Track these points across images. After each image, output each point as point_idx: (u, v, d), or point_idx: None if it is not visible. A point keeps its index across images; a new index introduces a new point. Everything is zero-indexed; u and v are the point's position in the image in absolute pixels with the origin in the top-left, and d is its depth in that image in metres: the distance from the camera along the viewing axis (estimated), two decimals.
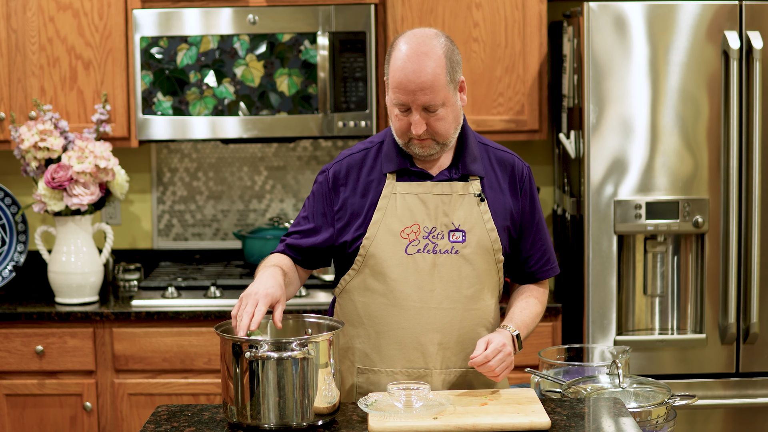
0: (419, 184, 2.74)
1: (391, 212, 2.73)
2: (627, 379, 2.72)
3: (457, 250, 2.73)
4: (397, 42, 2.69)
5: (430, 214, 2.73)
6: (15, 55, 4.11)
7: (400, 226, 2.73)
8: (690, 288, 3.87)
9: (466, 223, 2.74)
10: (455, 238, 2.73)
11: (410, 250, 2.72)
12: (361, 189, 2.77)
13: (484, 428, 2.37)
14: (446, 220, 2.73)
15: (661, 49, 3.75)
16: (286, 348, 2.38)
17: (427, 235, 2.73)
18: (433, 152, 2.73)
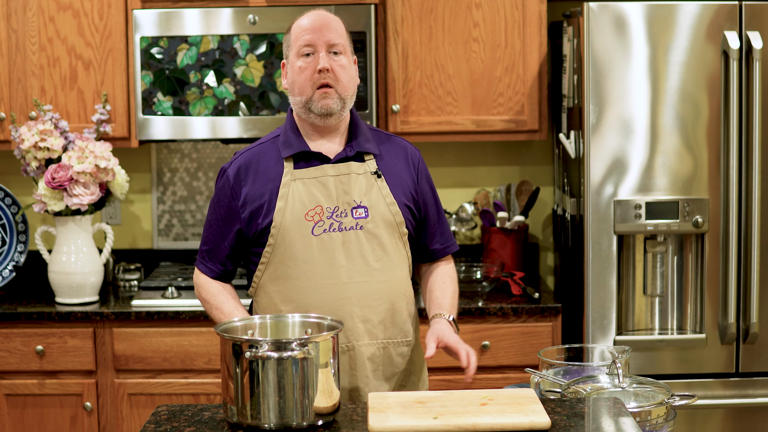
0: (316, 168, 2.86)
1: (293, 198, 2.83)
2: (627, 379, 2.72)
3: (361, 226, 2.85)
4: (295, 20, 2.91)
5: (331, 194, 2.84)
6: (15, 55, 4.11)
7: (303, 209, 2.83)
8: (690, 288, 3.87)
9: (367, 199, 2.86)
10: (358, 214, 2.85)
11: (317, 231, 2.83)
12: (260, 181, 2.86)
13: (484, 428, 2.38)
14: (347, 198, 2.85)
15: (661, 49, 3.75)
16: (286, 348, 2.38)
17: (331, 214, 2.84)
18: (335, 107, 2.84)
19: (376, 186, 2.88)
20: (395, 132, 4.13)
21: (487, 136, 4.16)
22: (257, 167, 2.88)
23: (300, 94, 2.85)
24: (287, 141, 2.88)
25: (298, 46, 2.84)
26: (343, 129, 2.92)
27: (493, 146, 4.51)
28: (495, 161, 4.51)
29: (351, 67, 2.88)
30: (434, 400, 2.52)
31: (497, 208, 4.36)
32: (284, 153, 2.87)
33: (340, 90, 2.84)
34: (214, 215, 2.93)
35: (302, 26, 2.85)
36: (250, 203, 2.86)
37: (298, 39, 2.84)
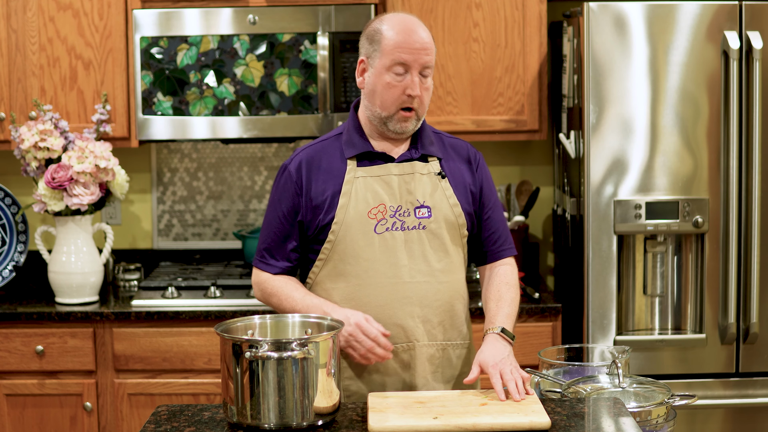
0: (380, 167, 2.83)
1: (356, 195, 2.80)
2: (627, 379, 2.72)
3: (424, 226, 2.82)
4: (382, 19, 2.80)
5: (395, 193, 2.81)
6: (15, 55, 4.11)
7: (366, 207, 2.79)
8: (690, 288, 3.87)
9: (431, 199, 2.83)
10: (421, 214, 2.82)
11: (379, 229, 2.80)
12: (323, 178, 2.83)
13: (484, 428, 2.38)
14: (411, 197, 2.82)
15: (661, 49, 3.75)
16: (286, 348, 2.38)
17: (394, 213, 2.80)
18: (410, 129, 2.82)
19: (440, 187, 2.85)
20: None
21: (487, 136, 4.16)
22: (319, 164, 2.84)
23: (381, 108, 2.78)
24: (350, 140, 2.84)
25: (391, 60, 2.74)
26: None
27: (493, 146, 4.51)
28: (495, 161, 4.51)
29: (431, 87, 2.83)
30: (434, 400, 2.52)
31: None
32: (348, 153, 2.82)
33: (420, 112, 2.80)
34: (275, 212, 2.87)
35: (400, 42, 2.74)
36: (313, 199, 2.82)
37: (392, 53, 2.74)
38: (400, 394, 2.59)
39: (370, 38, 2.80)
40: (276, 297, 2.86)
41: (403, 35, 2.74)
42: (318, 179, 2.82)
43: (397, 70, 2.74)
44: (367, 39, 2.81)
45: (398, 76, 2.75)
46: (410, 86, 2.74)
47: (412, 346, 2.81)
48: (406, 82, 2.75)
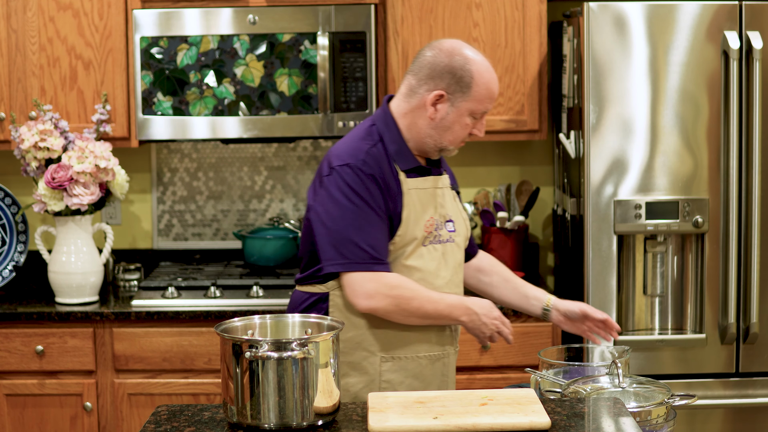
0: (424, 180, 2.90)
1: (414, 208, 2.85)
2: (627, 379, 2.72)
3: (453, 239, 2.93)
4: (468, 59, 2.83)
5: (436, 207, 2.91)
6: (15, 55, 4.11)
7: (422, 220, 2.87)
8: (690, 288, 3.87)
9: (453, 214, 2.95)
10: (449, 227, 2.93)
11: (426, 242, 2.88)
12: (388, 187, 2.84)
13: (484, 428, 2.38)
14: (443, 211, 2.92)
15: (661, 49, 3.75)
16: (286, 348, 2.38)
17: (436, 227, 2.89)
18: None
19: (456, 201, 3.00)
20: None
21: (487, 136, 4.16)
22: (384, 172, 2.85)
23: (449, 143, 2.88)
24: (401, 153, 2.87)
25: (477, 108, 2.85)
26: None
27: (493, 146, 4.51)
28: (495, 161, 4.51)
29: None
30: (434, 400, 2.52)
31: (497, 208, 4.36)
32: (402, 166, 2.86)
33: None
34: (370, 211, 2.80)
35: (491, 92, 2.85)
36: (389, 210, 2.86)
37: (481, 103, 2.84)
38: (400, 394, 2.59)
39: (456, 78, 2.82)
40: (417, 300, 2.81)
41: (492, 84, 2.86)
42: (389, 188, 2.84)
43: (477, 116, 2.86)
44: (451, 75, 2.82)
45: (475, 119, 2.87)
46: (478, 127, 2.89)
47: (446, 354, 2.95)
48: (474, 124, 2.88)
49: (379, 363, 2.86)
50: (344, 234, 2.79)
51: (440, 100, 2.83)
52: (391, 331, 2.86)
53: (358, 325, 2.86)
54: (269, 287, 4.11)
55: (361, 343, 2.86)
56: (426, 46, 2.88)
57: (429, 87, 2.83)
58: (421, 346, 2.88)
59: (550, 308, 3.06)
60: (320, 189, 2.86)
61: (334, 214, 2.80)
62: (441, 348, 2.92)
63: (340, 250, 2.79)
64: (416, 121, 2.86)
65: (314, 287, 2.90)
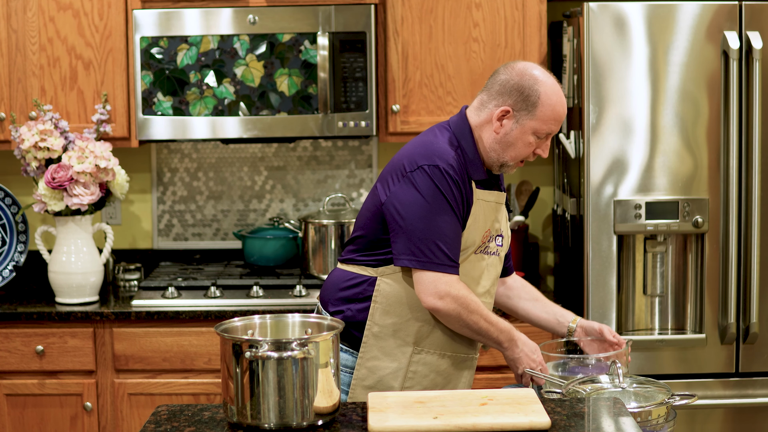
0: (489, 193, 2.98)
1: (477, 217, 2.94)
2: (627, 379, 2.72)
3: (498, 253, 3.03)
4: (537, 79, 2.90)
5: (494, 220, 3.00)
6: (15, 55, 4.12)
7: (482, 229, 2.96)
8: (690, 288, 3.87)
9: (504, 230, 3.05)
10: (498, 242, 3.02)
11: (477, 251, 2.97)
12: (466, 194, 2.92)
13: (484, 428, 2.38)
14: (497, 225, 3.01)
15: (661, 49, 3.75)
16: (286, 348, 2.38)
17: (490, 239, 2.99)
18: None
19: (506, 218, 3.08)
20: (395, 132, 4.13)
21: None
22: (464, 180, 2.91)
23: (510, 159, 2.94)
24: (475, 163, 2.93)
25: (542, 128, 2.88)
26: None
27: None
28: None
29: None
30: (434, 400, 2.52)
31: None
32: (475, 176, 2.93)
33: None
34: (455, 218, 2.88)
35: (557, 114, 2.89)
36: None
37: (546, 123, 2.89)
38: (401, 393, 2.60)
39: (524, 95, 2.89)
40: (477, 314, 2.89)
41: (560, 107, 2.90)
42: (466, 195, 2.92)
43: (540, 136, 2.91)
44: (518, 92, 2.89)
45: (539, 138, 2.91)
46: (542, 148, 2.94)
47: (472, 357, 3.04)
48: (540, 142, 2.93)
49: (411, 353, 2.94)
50: (426, 233, 2.86)
51: (506, 116, 2.91)
52: (428, 326, 2.94)
53: (398, 314, 2.94)
54: (269, 287, 4.11)
55: (398, 331, 2.93)
56: (501, 67, 2.98)
57: (497, 103, 2.92)
58: (451, 345, 2.97)
59: (576, 326, 3.15)
60: (403, 182, 2.89)
61: (417, 211, 2.86)
62: (468, 351, 3.00)
63: (420, 248, 2.86)
64: (482, 135, 2.95)
65: (364, 269, 2.96)
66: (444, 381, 2.99)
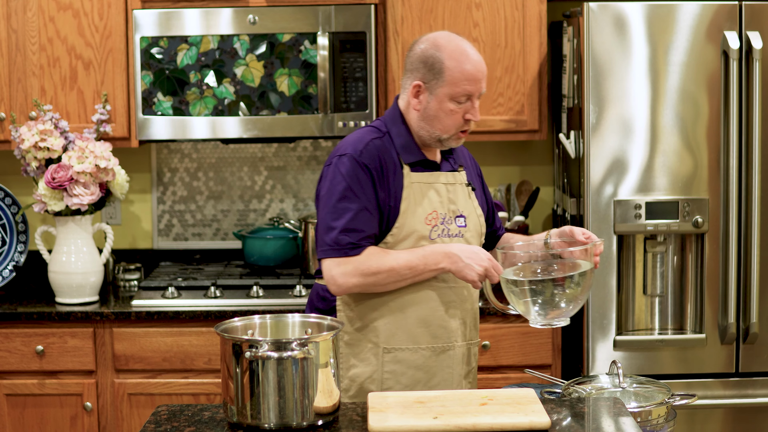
0: (431, 174, 2.93)
1: (414, 201, 2.88)
2: (627, 379, 2.72)
3: (462, 234, 2.95)
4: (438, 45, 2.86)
5: (443, 201, 2.93)
6: (15, 55, 4.11)
7: (423, 213, 2.89)
8: (690, 288, 3.87)
9: (465, 209, 2.97)
10: (459, 223, 2.95)
11: (433, 235, 2.90)
12: (385, 178, 2.88)
13: (484, 428, 2.38)
14: (453, 206, 2.94)
15: (661, 49, 3.75)
16: (286, 348, 2.38)
17: (443, 221, 2.92)
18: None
19: (470, 197, 3.01)
20: None
21: (487, 136, 4.16)
22: (386, 162, 2.88)
23: (442, 132, 2.90)
24: (407, 147, 2.92)
25: (456, 91, 2.86)
26: None
27: (493, 146, 4.51)
28: (495, 161, 4.51)
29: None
30: (434, 400, 2.52)
31: (497, 208, 4.36)
32: (406, 159, 2.91)
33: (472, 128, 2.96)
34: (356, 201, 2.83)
35: (466, 73, 2.85)
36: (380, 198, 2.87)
37: (458, 85, 2.85)
38: (401, 393, 2.60)
39: (428, 65, 2.87)
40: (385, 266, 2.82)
41: (470, 65, 2.85)
42: (382, 179, 2.87)
43: (460, 100, 2.87)
44: (424, 65, 2.88)
45: (460, 104, 2.87)
46: (471, 112, 2.88)
47: (451, 346, 2.95)
48: (466, 107, 2.88)
49: (382, 354, 2.91)
50: (327, 222, 2.86)
51: (420, 91, 2.89)
52: (395, 323, 2.90)
53: (361, 317, 2.91)
54: (269, 287, 4.11)
55: (366, 334, 2.92)
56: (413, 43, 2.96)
57: (410, 80, 2.91)
58: (423, 338, 2.92)
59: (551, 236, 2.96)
60: (321, 180, 2.93)
61: (324, 203, 2.88)
62: (446, 341, 2.95)
63: (322, 238, 2.87)
64: (409, 116, 2.93)
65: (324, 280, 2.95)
66: (426, 376, 2.94)
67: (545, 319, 2.78)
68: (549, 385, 2.85)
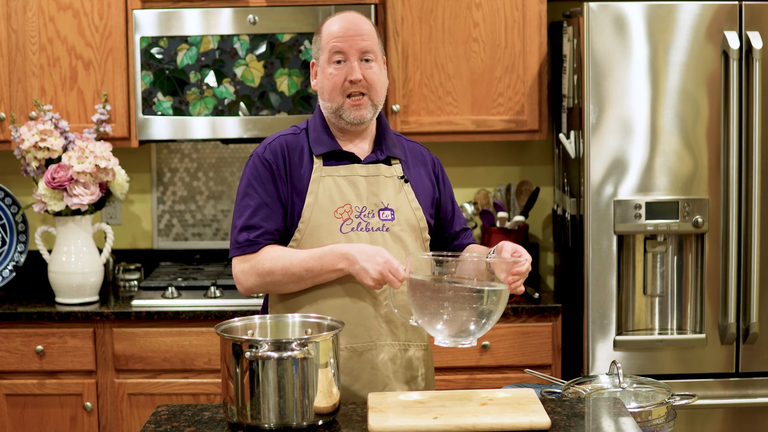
0: (347, 167, 2.86)
1: (323, 194, 2.82)
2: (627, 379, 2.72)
3: (387, 228, 2.84)
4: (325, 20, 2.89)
5: (360, 194, 2.84)
6: (15, 55, 4.12)
7: (332, 206, 2.82)
8: (690, 288, 3.87)
9: (394, 202, 2.86)
10: (384, 216, 2.85)
11: (345, 229, 2.82)
12: (290, 173, 2.84)
13: (484, 428, 2.38)
14: (375, 199, 2.84)
15: (661, 49, 3.75)
16: (286, 348, 2.38)
17: (359, 214, 2.83)
18: (368, 117, 2.85)
19: (402, 190, 2.88)
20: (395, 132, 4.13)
21: (487, 136, 4.16)
22: (291, 158, 2.85)
23: (330, 101, 2.84)
24: (319, 138, 2.87)
25: (328, 52, 2.82)
26: (371, 131, 2.93)
27: (493, 146, 4.51)
28: (495, 161, 4.51)
29: (382, 72, 2.88)
30: (434, 400, 2.52)
31: (497, 208, 4.36)
32: (316, 150, 2.85)
33: (373, 97, 2.84)
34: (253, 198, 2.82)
35: (332, 32, 2.82)
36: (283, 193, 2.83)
37: (328, 44, 2.82)
38: (401, 393, 2.59)
39: (314, 40, 2.90)
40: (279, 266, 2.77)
41: (335, 25, 2.83)
42: (287, 173, 2.84)
43: (336, 59, 2.82)
44: (313, 42, 2.90)
45: (338, 64, 2.82)
46: (350, 72, 2.81)
47: (374, 346, 2.82)
48: (346, 69, 2.82)
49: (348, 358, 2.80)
50: (233, 220, 2.87)
51: (313, 69, 2.90)
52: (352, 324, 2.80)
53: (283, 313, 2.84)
54: None
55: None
56: None
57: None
58: (342, 338, 2.79)
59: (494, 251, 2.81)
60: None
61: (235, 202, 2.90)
62: (367, 341, 2.80)
63: (231, 236, 2.87)
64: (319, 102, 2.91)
65: None
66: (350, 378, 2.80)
67: (448, 337, 2.58)
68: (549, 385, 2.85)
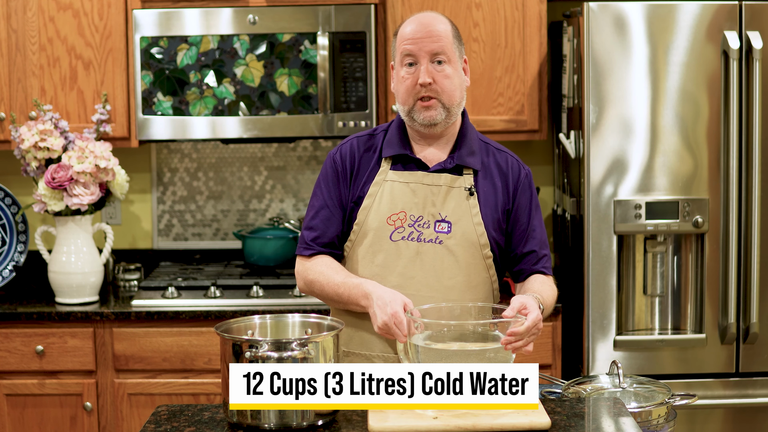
0: (411, 174, 2.80)
1: (381, 198, 2.79)
2: (627, 379, 2.72)
3: (441, 240, 2.77)
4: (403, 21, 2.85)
5: (418, 203, 2.78)
6: (15, 55, 4.12)
7: (387, 212, 2.78)
8: (690, 288, 3.87)
9: (454, 215, 2.78)
10: (440, 228, 2.77)
11: (395, 237, 2.78)
12: (356, 175, 2.84)
13: (484, 428, 2.38)
14: (434, 210, 2.78)
15: (661, 49, 3.75)
16: (286, 348, 2.38)
17: (413, 223, 2.78)
18: (438, 119, 2.77)
19: (466, 203, 2.78)
20: None
21: (487, 136, 4.15)
22: (360, 159, 2.84)
23: (403, 104, 2.79)
24: (391, 141, 2.83)
25: (400, 54, 2.78)
26: (450, 136, 2.84)
27: None
28: None
29: (457, 75, 2.78)
30: None
31: None
32: (385, 153, 2.82)
33: (445, 100, 2.76)
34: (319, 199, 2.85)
35: (404, 34, 2.77)
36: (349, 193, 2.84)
37: (400, 47, 2.77)
38: None
39: (393, 42, 2.85)
40: (318, 284, 2.81)
41: (408, 27, 2.78)
42: (355, 173, 2.84)
43: (407, 62, 2.77)
44: (392, 44, 2.86)
45: (410, 67, 2.77)
46: (421, 74, 2.74)
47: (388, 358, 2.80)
48: (417, 72, 2.76)
49: (341, 357, 2.81)
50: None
51: (392, 71, 2.86)
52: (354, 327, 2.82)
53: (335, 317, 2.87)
54: (269, 287, 4.11)
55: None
56: None
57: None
58: (376, 345, 2.80)
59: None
60: None
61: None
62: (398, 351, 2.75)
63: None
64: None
65: None
66: None
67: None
68: (549, 385, 2.85)
